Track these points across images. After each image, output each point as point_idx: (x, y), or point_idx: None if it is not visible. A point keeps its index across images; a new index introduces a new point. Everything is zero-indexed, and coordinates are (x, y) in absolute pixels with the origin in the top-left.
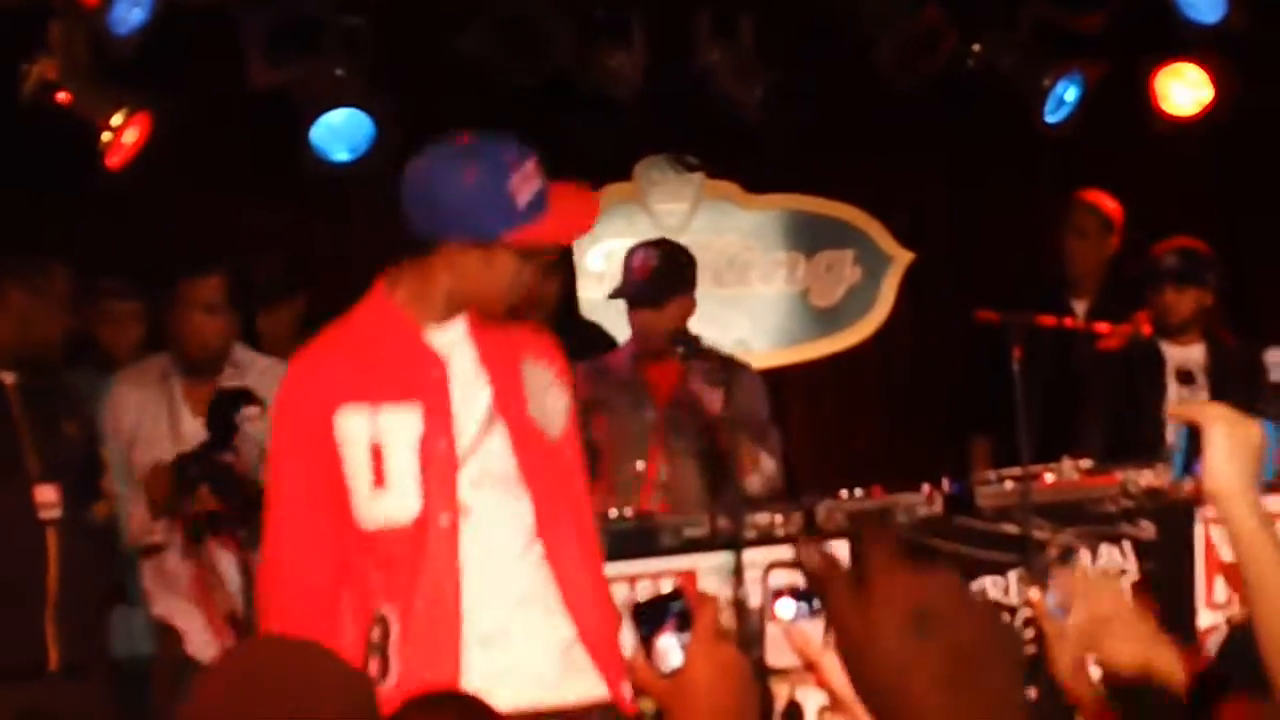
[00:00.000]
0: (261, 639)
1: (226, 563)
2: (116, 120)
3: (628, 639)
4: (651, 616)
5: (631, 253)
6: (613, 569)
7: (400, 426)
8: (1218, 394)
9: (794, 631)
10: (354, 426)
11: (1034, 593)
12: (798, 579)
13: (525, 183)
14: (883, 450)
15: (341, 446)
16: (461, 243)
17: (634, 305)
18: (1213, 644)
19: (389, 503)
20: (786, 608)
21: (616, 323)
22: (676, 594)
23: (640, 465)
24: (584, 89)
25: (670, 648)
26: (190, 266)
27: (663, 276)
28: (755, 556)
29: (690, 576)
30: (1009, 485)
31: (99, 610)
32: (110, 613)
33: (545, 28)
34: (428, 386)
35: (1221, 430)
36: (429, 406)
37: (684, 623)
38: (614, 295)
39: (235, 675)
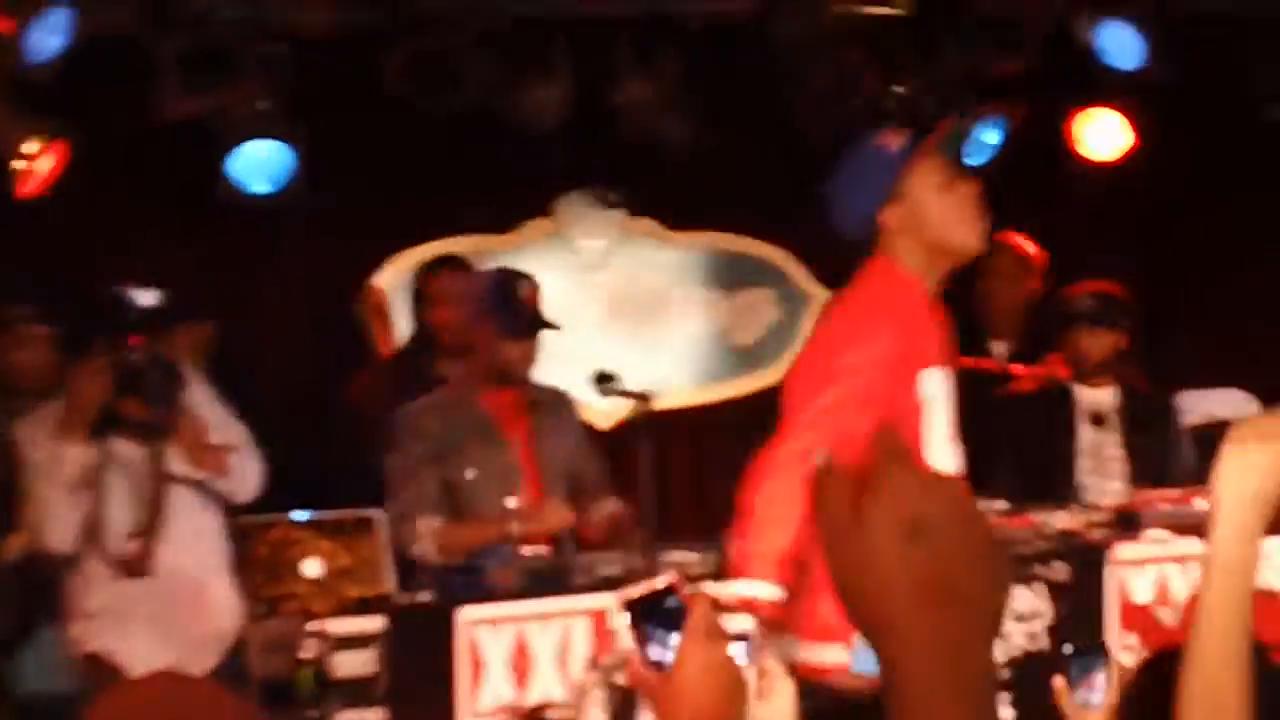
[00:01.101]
0: (154, 676)
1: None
2: (31, 148)
3: (622, 633)
4: (645, 612)
5: (516, 281)
6: (523, 607)
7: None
8: (1130, 437)
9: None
10: (936, 385)
11: (1059, 681)
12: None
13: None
14: None
15: (926, 402)
16: (884, 202)
17: (529, 333)
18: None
19: (952, 456)
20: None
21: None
22: (670, 590)
23: (511, 502)
24: (505, 123)
25: (663, 644)
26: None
27: (541, 305)
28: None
29: (602, 616)
30: None
31: (7, 647)
32: (20, 649)
33: (467, 60)
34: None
35: (1244, 446)
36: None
37: (677, 620)
38: (542, 326)
39: (123, 710)
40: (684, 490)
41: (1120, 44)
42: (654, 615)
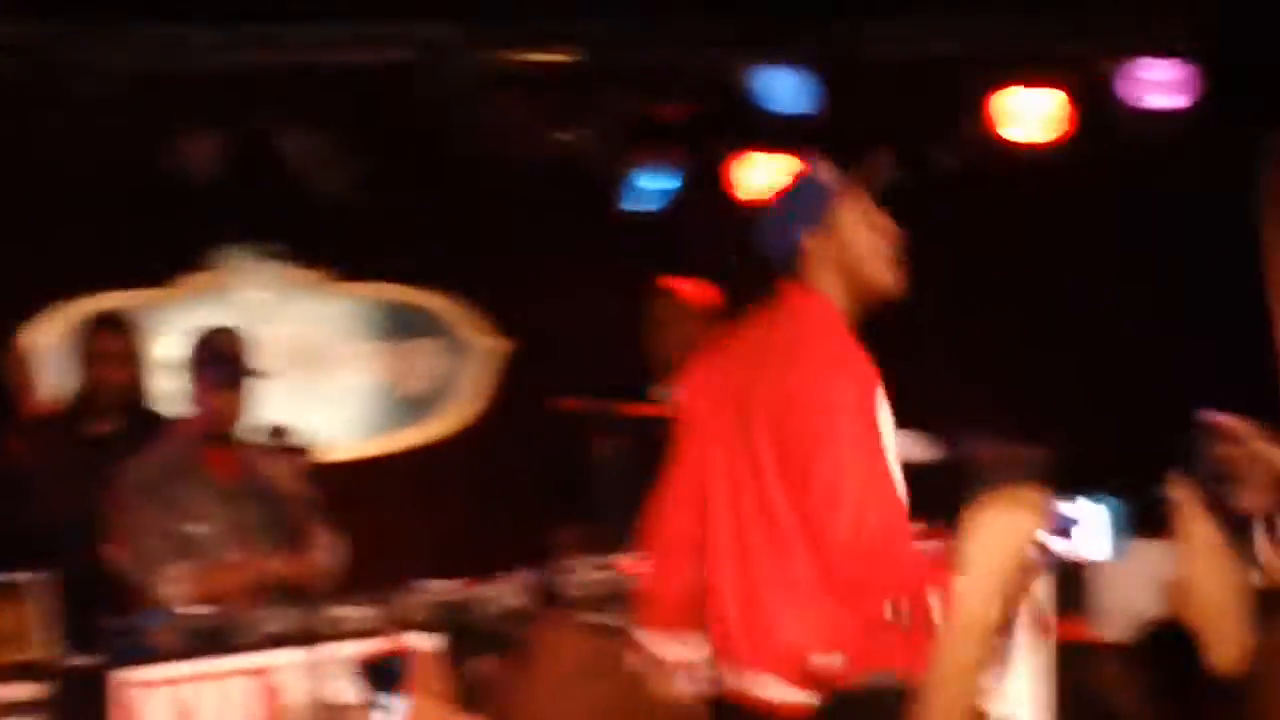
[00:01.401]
0: None
1: None
2: None
3: (353, 695)
4: (375, 675)
5: (219, 336)
6: (186, 668)
7: None
8: None
9: None
10: (887, 414)
11: None
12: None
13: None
14: (471, 540)
15: (883, 428)
16: (812, 229)
17: (236, 385)
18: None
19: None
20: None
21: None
22: (397, 654)
23: (232, 556)
24: (166, 175)
25: (386, 705)
26: None
27: (244, 357)
28: (336, 651)
29: (267, 674)
30: (596, 574)
31: None
32: None
33: (127, 112)
34: None
35: (987, 519)
36: None
37: (402, 680)
38: (248, 376)
39: None
40: (352, 543)
41: (782, 88)
42: (381, 676)
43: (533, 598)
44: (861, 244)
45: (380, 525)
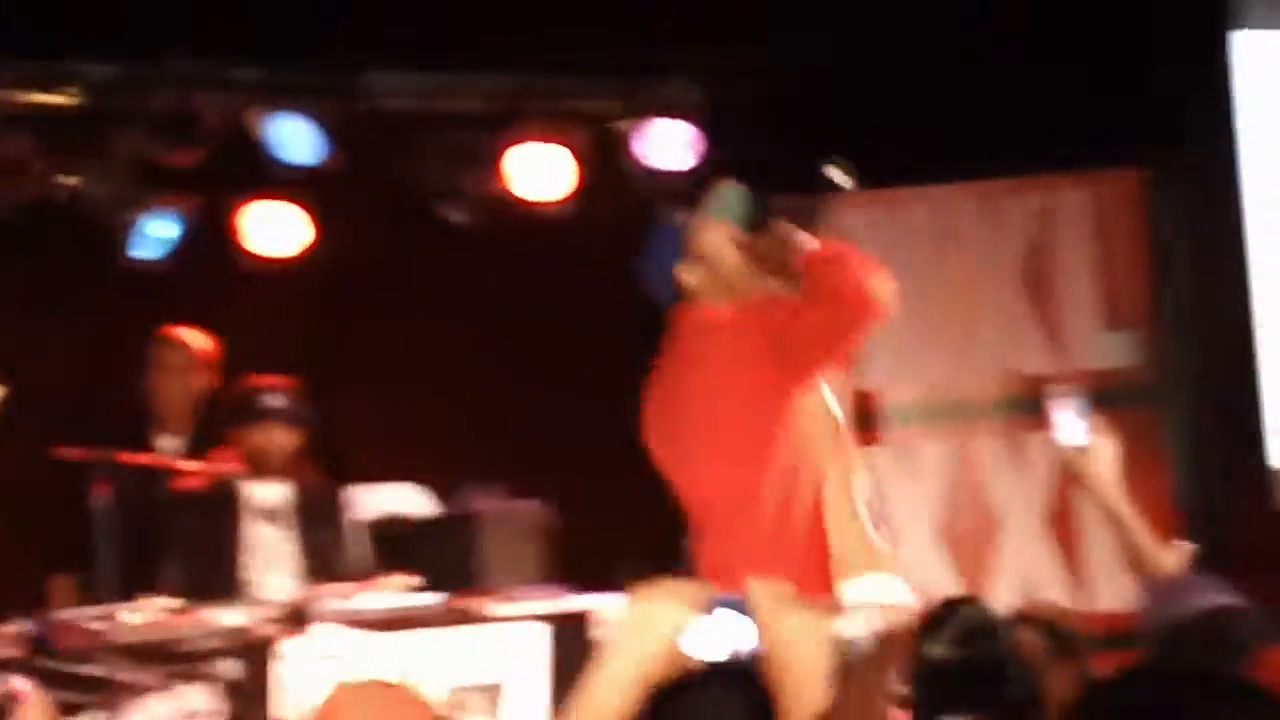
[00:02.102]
0: None
1: None
2: None
3: None
4: None
5: None
6: None
7: None
8: (303, 532)
9: None
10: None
11: None
12: None
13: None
14: None
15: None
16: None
17: None
18: None
19: None
20: None
21: None
22: (13, 697)
23: None
24: None
25: None
26: None
27: None
28: None
29: None
30: (92, 625)
31: None
32: None
33: None
34: None
35: (636, 609)
36: None
37: None
38: None
39: None
40: None
41: (296, 138)
42: None
43: (24, 648)
44: (728, 261)
45: None
